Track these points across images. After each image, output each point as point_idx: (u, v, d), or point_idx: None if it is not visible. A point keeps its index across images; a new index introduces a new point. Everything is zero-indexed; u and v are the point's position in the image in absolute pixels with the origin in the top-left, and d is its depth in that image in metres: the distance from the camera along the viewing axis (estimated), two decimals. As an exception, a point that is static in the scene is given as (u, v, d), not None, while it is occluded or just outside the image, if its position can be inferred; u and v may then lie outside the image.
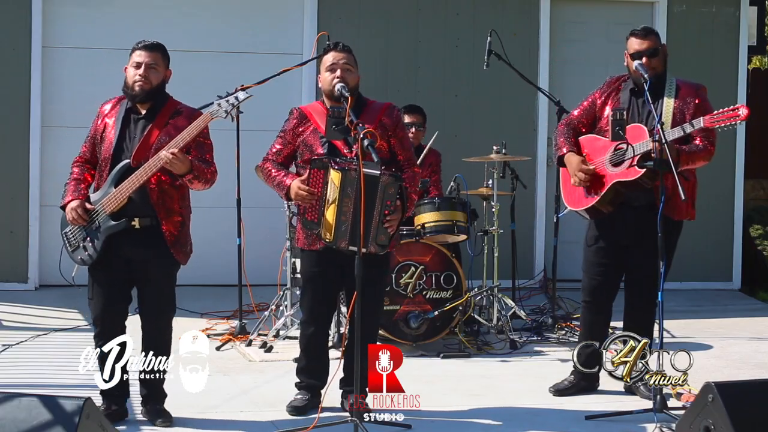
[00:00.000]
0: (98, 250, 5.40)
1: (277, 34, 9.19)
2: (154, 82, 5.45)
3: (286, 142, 5.75)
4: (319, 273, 5.72)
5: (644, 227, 5.92)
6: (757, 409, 4.89)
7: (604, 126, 6.08)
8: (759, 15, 10.46)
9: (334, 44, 5.77)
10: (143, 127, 5.45)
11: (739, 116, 5.74)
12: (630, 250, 6.09)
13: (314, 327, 5.81)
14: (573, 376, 6.21)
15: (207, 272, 9.03)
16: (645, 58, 5.99)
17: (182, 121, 5.46)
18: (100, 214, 5.40)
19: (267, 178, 5.75)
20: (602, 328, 6.18)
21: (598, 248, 6.13)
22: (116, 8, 8.97)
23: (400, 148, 5.74)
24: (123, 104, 5.51)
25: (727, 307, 9.08)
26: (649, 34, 6.06)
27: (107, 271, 5.46)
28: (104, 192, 5.41)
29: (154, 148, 5.37)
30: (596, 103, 6.16)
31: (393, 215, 5.48)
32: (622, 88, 6.13)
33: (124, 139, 5.44)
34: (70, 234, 5.49)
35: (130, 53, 5.51)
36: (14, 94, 8.75)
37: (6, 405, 4.60)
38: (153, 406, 5.52)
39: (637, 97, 6.06)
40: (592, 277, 6.17)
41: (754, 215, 10.41)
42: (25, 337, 7.14)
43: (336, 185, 5.40)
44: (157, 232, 5.43)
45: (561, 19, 9.51)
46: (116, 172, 5.40)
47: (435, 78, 9.34)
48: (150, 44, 5.50)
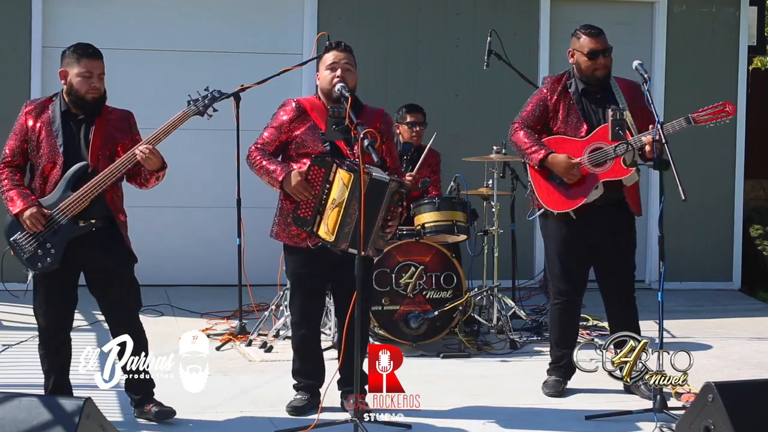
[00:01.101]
0: (60, 255, 5.33)
1: (277, 34, 9.20)
2: (103, 91, 5.45)
3: (278, 133, 5.68)
4: (308, 273, 5.71)
5: (613, 226, 6.06)
6: (757, 409, 4.89)
7: (563, 128, 6.08)
8: (759, 15, 10.46)
9: (335, 43, 5.75)
10: (86, 129, 5.41)
11: (726, 112, 5.81)
12: (599, 249, 6.12)
13: (305, 328, 5.80)
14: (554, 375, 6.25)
15: (207, 272, 9.04)
16: (601, 57, 6.04)
17: (119, 123, 5.48)
18: (59, 219, 5.33)
19: (255, 167, 5.66)
20: (576, 328, 6.33)
21: (568, 249, 6.13)
22: (116, 8, 8.97)
23: (390, 155, 5.75)
24: (54, 108, 5.45)
25: (727, 307, 9.08)
26: (601, 32, 6.12)
27: (60, 276, 5.40)
28: (60, 196, 5.33)
29: (102, 149, 5.36)
30: (547, 104, 6.13)
31: (393, 221, 5.48)
32: (569, 87, 6.13)
33: (71, 142, 5.38)
34: (22, 241, 5.36)
35: (73, 59, 5.42)
36: (14, 94, 8.73)
37: (6, 405, 4.60)
38: (150, 404, 5.51)
39: (587, 97, 6.09)
40: (564, 277, 6.17)
41: (754, 215, 10.41)
42: (25, 337, 7.14)
43: (346, 187, 5.37)
44: (113, 231, 5.42)
45: (561, 19, 9.50)
46: (72, 174, 5.34)
47: (435, 78, 9.34)
48: (95, 52, 5.45)
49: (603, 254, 6.12)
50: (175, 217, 9.13)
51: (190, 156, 8.97)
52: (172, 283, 8.90)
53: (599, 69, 6.06)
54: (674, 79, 9.59)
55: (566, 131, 6.07)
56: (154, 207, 8.75)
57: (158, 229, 8.97)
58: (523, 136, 6.12)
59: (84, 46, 5.47)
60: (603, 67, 6.05)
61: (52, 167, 5.37)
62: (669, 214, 6.21)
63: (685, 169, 5.90)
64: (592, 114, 6.08)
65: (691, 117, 5.85)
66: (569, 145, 6.06)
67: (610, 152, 5.92)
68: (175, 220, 9.13)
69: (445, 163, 8.12)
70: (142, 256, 5.67)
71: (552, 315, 6.32)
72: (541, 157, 6.04)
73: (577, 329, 6.37)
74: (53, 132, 5.39)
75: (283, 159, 5.70)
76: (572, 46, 6.15)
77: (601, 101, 6.07)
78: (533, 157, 6.07)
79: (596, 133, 6.01)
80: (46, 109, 5.46)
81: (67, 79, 5.44)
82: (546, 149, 6.05)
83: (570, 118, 6.08)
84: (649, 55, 9.52)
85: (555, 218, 6.12)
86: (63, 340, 5.52)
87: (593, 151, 6.00)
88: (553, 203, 6.12)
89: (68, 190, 5.33)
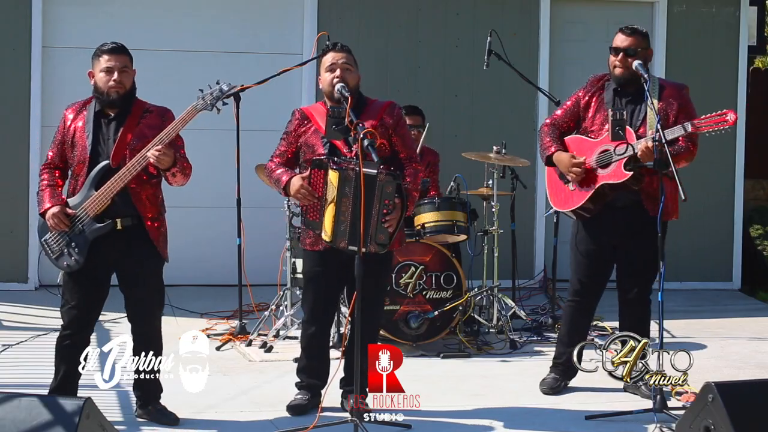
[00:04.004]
0: (84, 255, 5.36)
1: (277, 34, 9.20)
2: (127, 86, 5.45)
3: (289, 143, 5.75)
4: (322, 272, 5.73)
5: (632, 227, 6.01)
6: (757, 409, 4.90)
7: (589, 126, 6.08)
8: (759, 15, 10.48)
9: (333, 44, 5.77)
10: (116, 128, 5.42)
11: (727, 121, 5.72)
12: (619, 251, 6.11)
13: (315, 327, 5.81)
14: (553, 373, 6.25)
15: (207, 272, 9.04)
16: (621, 54, 6.00)
17: (154, 120, 5.47)
18: (83, 218, 5.36)
19: (268, 176, 5.78)
20: (586, 329, 6.30)
21: (587, 249, 6.13)
22: (116, 8, 8.97)
23: (402, 145, 5.74)
24: (90, 108, 5.48)
25: (727, 307, 9.08)
26: (635, 33, 6.05)
27: (91, 275, 5.42)
28: (84, 195, 5.37)
29: (130, 148, 5.37)
30: (580, 102, 6.14)
31: (392, 214, 5.47)
32: (606, 88, 6.12)
33: (99, 142, 5.41)
34: (51, 241, 5.42)
35: (96, 57, 5.45)
36: (14, 94, 8.75)
37: (6, 405, 4.60)
38: (155, 406, 5.53)
39: (621, 97, 6.06)
40: (582, 278, 6.18)
41: (754, 215, 10.42)
42: (25, 337, 7.14)
43: (334, 185, 5.39)
44: (140, 231, 5.43)
45: (561, 19, 9.51)
46: (95, 174, 5.37)
47: (435, 78, 9.34)
48: (116, 47, 5.46)
49: (623, 255, 6.10)
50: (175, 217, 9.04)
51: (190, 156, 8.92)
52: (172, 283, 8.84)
53: (617, 67, 6.02)
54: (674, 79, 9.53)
55: (593, 130, 6.06)
56: (154, 207, 8.76)
57: (158, 229, 8.96)
58: (544, 134, 6.16)
59: (108, 43, 5.50)
60: (621, 66, 5.99)
61: (82, 167, 5.41)
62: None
63: (685, 169, 5.90)
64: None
65: (691, 124, 5.81)
66: (586, 144, 6.05)
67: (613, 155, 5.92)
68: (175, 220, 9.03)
69: (445, 163, 8.12)
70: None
71: (564, 312, 6.37)
72: (549, 154, 6.08)
73: (587, 329, 6.33)
74: (86, 132, 5.42)
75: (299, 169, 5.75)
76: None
77: (631, 102, 6.03)
78: (544, 153, 6.14)
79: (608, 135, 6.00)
80: (83, 110, 5.50)
81: (93, 78, 5.47)
82: (556, 146, 6.05)
83: (596, 118, 6.07)
84: (649, 55, 9.52)
85: (576, 218, 6.14)
86: (83, 338, 5.50)
87: (602, 153, 5.99)
88: (557, 202, 6.18)
89: (92, 189, 5.36)
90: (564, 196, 6.13)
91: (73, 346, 5.45)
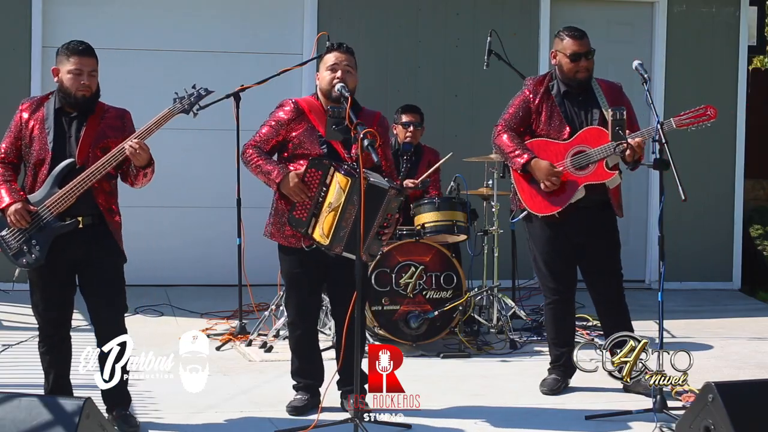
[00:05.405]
0: (45, 253, 5.30)
1: (277, 34, 9.20)
2: (94, 89, 5.43)
3: (276, 131, 5.69)
4: (303, 273, 5.72)
5: (597, 226, 6.11)
6: (757, 409, 4.89)
7: (545, 130, 6.07)
8: (759, 15, 10.47)
9: (337, 44, 5.75)
10: (78, 126, 5.39)
11: (708, 116, 5.85)
12: (583, 250, 6.15)
13: (301, 328, 5.81)
14: (554, 374, 6.26)
15: (207, 272, 9.04)
16: (584, 59, 6.04)
17: (113, 121, 5.45)
18: (45, 216, 5.32)
19: (250, 165, 5.69)
20: (572, 325, 6.34)
21: (553, 249, 6.14)
22: (116, 8, 8.97)
23: (385, 158, 5.75)
24: (48, 105, 5.44)
25: (727, 307, 9.08)
26: (584, 35, 6.11)
27: (52, 273, 5.38)
28: (47, 193, 5.32)
29: (94, 147, 5.34)
30: (530, 106, 6.14)
31: (389, 228, 5.48)
32: (551, 89, 6.13)
33: (62, 139, 5.37)
34: (9, 237, 5.34)
35: (64, 57, 5.40)
36: (14, 94, 8.71)
37: (6, 405, 4.60)
38: (119, 411, 5.44)
39: (571, 100, 6.08)
40: (551, 277, 6.19)
41: (754, 215, 10.42)
42: (25, 337, 7.14)
43: (343, 191, 5.37)
44: (102, 229, 5.39)
45: (561, 19, 9.50)
46: (59, 171, 5.32)
47: (435, 78, 9.34)
48: (85, 50, 5.41)
49: (587, 255, 6.15)
50: (174, 217, 9.13)
51: (190, 156, 8.98)
52: (172, 283, 8.91)
53: (581, 71, 6.06)
54: (674, 79, 9.59)
55: (549, 133, 6.08)
56: (154, 207, 8.76)
57: (158, 229, 8.97)
58: (507, 139, 6.13)
59: (76, 44, 5.44)
60: (585, 70, 6.05)
61: (41, 164, 5.36)
62: (669, 214, 6.19)
63: (685, 169, 5.91)
64: (574, 116, 6.08)
65: (672, 121, 5.87)
66: (552, 147, 6.06)
67: (592, 155, 5.97)
68: (175, 220, 9.13)
69: (445, 163, 8.11)
70: (142, 256, 5.68)
71: (546, 315, 6.35)
72: (524, 161, 6.05)
73: (572, 327, 6.37)
74: (45, 129, 5.38)
75: (279, 159, 5.71)
76: (555, 48, 6.15)
77: (582, 103, 6.09)
78: (516, 161, 6.08)
79: (579, 136, 6.03)
80: (41, 107, 5.45)
81: (58, 76, 5.43)
82: (529, 153, 6.05)
83: (553, 121, 6.08)
84: (649, 55, 9.53)
85: (539, 220, 6.14)
86: (61, 337, 5.50)
87: (576, 155, 6.01)
88: (536, 206, 6.12)
89: (55, 186, 5.32)
90: (542, 199, 6.10)
91: (54, 346, 5.45)
